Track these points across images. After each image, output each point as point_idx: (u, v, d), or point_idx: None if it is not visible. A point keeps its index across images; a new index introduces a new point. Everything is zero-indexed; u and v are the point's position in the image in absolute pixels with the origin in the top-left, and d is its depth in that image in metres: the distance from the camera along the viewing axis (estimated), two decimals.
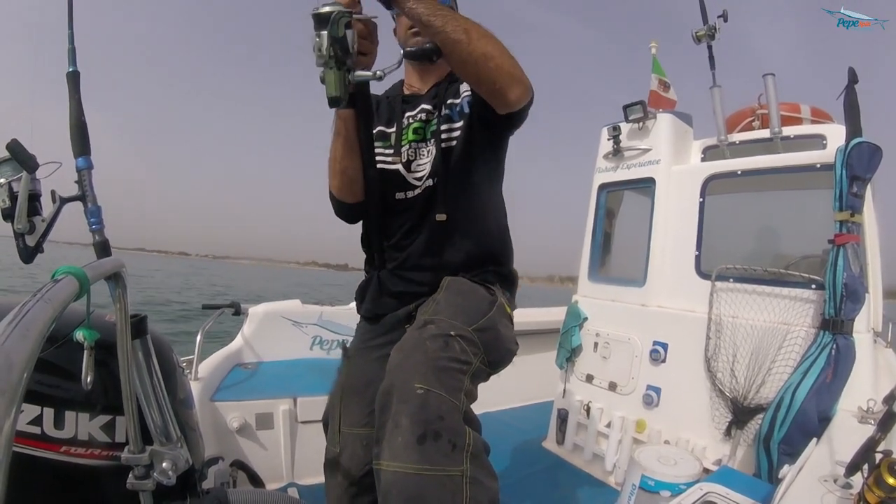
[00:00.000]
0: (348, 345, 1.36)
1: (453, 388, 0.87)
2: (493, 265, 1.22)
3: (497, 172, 1.28)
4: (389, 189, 1.23)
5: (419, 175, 1.22)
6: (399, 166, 1.24)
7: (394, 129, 1.26)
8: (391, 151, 1.25)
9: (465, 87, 1.23)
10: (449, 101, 1.23)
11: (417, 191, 1.21)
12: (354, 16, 0.90)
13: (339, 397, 1.27)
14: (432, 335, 0.96)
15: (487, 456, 0.87)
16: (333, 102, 0.91)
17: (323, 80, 0.88)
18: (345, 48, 0.86)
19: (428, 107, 1.25)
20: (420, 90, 1.30)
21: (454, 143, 1.20)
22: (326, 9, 0.85)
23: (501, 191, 1.30)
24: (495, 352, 1.05)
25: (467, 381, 0.92)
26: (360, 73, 0.92)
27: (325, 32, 0.85)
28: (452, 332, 0.97)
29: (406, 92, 1.33)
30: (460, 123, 1.20)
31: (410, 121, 1.26)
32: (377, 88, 1.53)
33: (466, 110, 1.21)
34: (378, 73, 0.94)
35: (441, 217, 1.16)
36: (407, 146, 1.24)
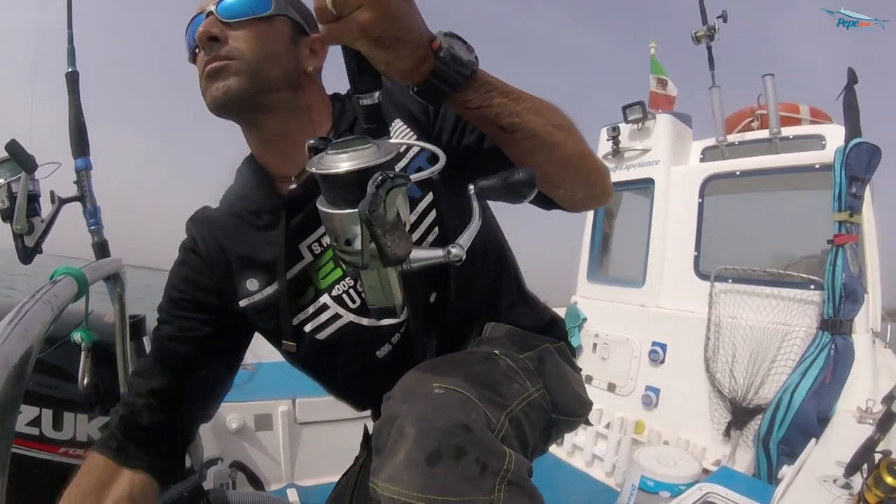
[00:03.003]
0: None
1: (491, 400, 0.60)
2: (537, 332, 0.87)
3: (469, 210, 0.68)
4: (359, 352, 0.79)
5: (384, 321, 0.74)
6: (339, 322, 0.75)
7: (293, 274, 0.75)
8: (309, 312, 0.76)
9: (401, 127, 0.74)
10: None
11: (396, 337, 0.79)
12: (411, 176, 0.48)
13: (349, 499, 0.94)
14: (466, 353, 0.74)
15: (531, 477, 0.60)
16: (384, 314, 0.54)
17: (355, 279, 0.56)
18: (401, 232, 0.47)
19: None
20: (288, 176, 0.76)
21: (432, 228, 0.74)
22: (346, 167, 0.46)
23: (497, 229, 0.88)
24: (560, 389, 0.76)
25: (517, 405, 0.64)
26: (420, 253, 0.51)
27: (354, 213, 0.45)
28: (497, 352, 0.71)
29: (272, 192, 0.76)
30: (428, 199, 0.73)
31: (320, 247, 0.74)
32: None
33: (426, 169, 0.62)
34: (453, 250, 0.51)
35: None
36: (341, 287, 0.74)
